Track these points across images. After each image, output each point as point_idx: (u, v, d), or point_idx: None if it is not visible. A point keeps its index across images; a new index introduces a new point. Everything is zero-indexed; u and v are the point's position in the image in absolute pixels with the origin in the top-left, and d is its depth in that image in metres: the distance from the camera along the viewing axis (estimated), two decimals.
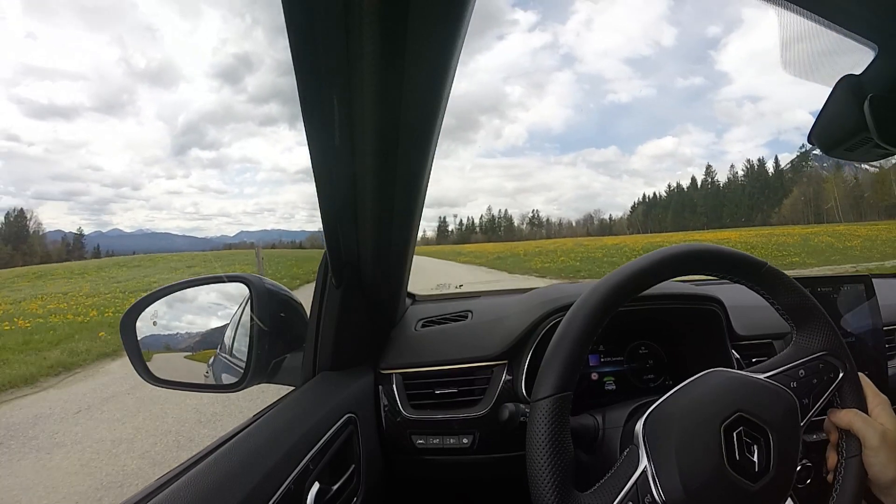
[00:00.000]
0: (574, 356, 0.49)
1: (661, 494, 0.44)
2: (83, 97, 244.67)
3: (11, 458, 2.99)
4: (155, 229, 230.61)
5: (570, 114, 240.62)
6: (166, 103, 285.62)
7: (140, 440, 3.14)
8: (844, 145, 0.48)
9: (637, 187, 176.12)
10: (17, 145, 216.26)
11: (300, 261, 21.19)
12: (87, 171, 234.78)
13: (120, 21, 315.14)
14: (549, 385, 0.48)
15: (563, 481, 0.45)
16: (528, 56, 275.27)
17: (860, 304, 0.85)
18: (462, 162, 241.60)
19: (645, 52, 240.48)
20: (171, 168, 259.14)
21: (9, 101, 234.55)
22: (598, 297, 0.50)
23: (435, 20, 0.39)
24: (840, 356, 0.54)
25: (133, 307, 0.75)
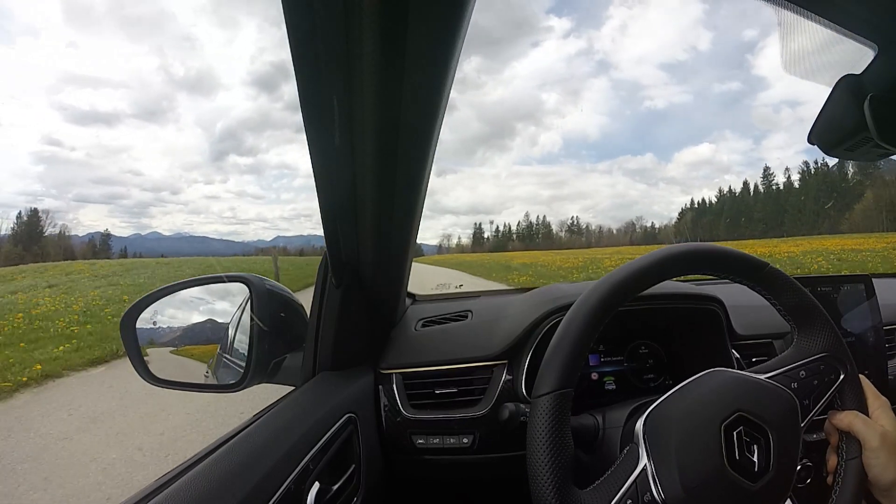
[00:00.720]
0: (575, 354, 0.49)
1: (661, 493, 0.44)
2: (124, 104, 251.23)
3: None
4: (193, 233, 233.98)
5: (605, 121, 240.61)
6: (205, 110, 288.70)
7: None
8: (844, 145, 0.48)
9: (674, 195, 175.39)
10: (60, 150, 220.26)
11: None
12: (127, 175, 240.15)
13: (159, 31, 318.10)
14: (550, 381, 0.48)
15: (563, 478, 0.45)
16: (563, 63, 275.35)
17: (860, 304, 0.85)
18: (498, 169, 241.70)
19: (681, 57, 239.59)
20: (210, 173, 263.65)
21: (51, 107, 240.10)
22: (599, 295, 0.51)
23: (435, 20, 0.39)
24: (841, 358, 0.54)
25: (133, 307, 0.75)
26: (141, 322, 0.75)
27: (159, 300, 0.77)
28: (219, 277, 0.79)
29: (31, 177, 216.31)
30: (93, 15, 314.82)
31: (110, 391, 4.14)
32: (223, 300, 0.84)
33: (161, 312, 0.78)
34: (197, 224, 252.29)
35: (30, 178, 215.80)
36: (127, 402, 3.76)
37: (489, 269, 19.84)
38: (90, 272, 16.14)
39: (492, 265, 23.81)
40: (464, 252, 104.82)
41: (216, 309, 0.85)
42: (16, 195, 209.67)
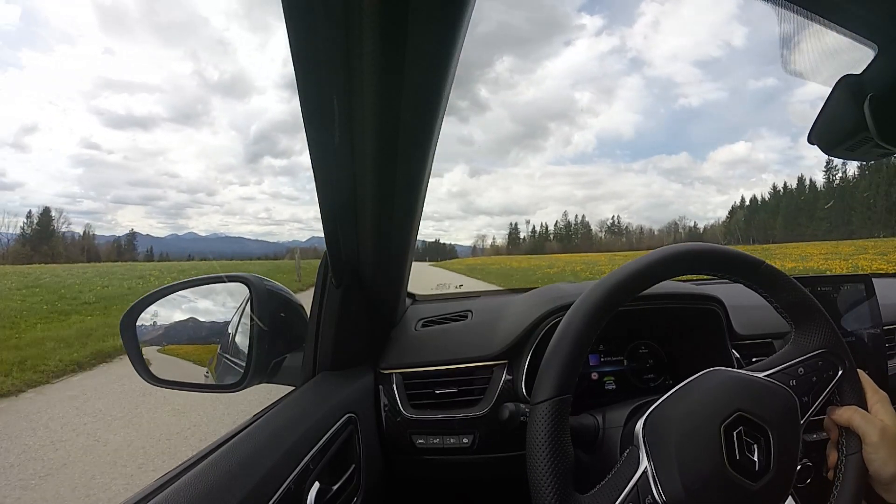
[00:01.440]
0: (573, 357, 0.48)
1: (662, 495, 0.44)
2: (160, 108, 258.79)
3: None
4: (229, 233, 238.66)
5: (639, 119, 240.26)
6: (239, 113, 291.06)
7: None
8: (844, 145, 0.48)
9: (710, 195, 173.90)
10: (98, 153, 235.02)
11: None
12: (163, 177, 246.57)
13: (193, 36, 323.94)
14: (547, 388, 0.48)
15: (564, 484, 0.45)
16: (595, 61, 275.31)
17: (860, 304, 0.85)
18: (531, 169, 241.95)
19: (715, 53, 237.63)
20: (245, 175, 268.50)
21: (89, 112, 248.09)
22: (597, 297, 0.50)
23: (435, 20, 0.39)
24: (839, 354, 0.54)
25: (133, 307, 0.75)
26: (141, 322, 0.75)
27: (159, 300, 0.77)
28: (219, 277, 0.79)
29: (69, 179, 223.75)
30: (127, 22, 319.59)
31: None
32: (223, 300, 0.84)
33: (161, 312, 0.78)
34: (233, 225, 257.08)
35: (69, 181, 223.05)
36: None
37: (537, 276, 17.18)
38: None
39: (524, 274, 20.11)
40: (499, 254, 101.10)
41: (216, 309, 0.85)
42: (55, 197, 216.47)
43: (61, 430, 3.26)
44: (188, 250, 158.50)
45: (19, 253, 62.69)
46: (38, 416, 3.57)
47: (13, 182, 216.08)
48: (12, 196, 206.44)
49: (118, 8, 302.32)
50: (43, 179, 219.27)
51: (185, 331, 0.83)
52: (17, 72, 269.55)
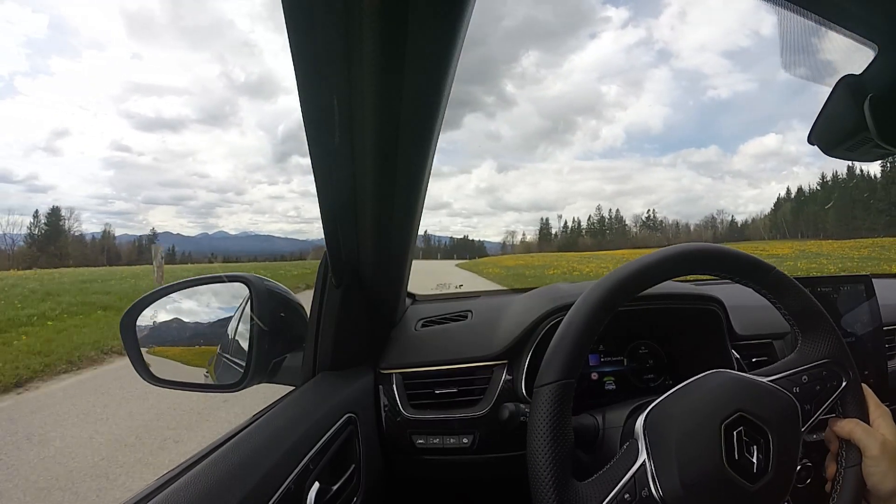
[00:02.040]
0: (578, 346, 0.49)
1: (659, 489, 0.44)
2: (188, 110, 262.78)
3: None
4: (258, 232, 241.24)
5: (668, 112, 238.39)
6: (266, 113, 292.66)
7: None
8: (844, 145, 0.48)
9: (741, 189, 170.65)
10: (129, 155, 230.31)
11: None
12: (193, 177, 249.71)
13: (219, 38, 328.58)
14: (552, 371, 0.48)
15: (563, 469, 0.45)
16: (622, 53, 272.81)
17: (860, 304, 0.85)
18: (559, 164, 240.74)
19: (744, 43, 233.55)
20: (273, 174, 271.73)
21: (119, 115, 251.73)
22: (602, 291, 0.51)
23: (435, 20, 0.39)
24: (844, 364, 0.54)
25: (133, 307, 0.75)
26: (141, 322, 0.75)
27: (159, 300, 0.77)
28: (218, 277, 0.79)
29: (101, 181, 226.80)
30: (153, 27, 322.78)
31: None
32: (223, 300, 0.84)
33: (161, 312, 0.78)
34: (262, 223, 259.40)
35: (100, 183, 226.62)
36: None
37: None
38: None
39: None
40: (529, 250, 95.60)
41: (216, 309, 0.85)
42: (87, 198, 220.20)
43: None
44: (218, 249, 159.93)
45: (24, 255, 61.49)
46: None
47: (46, 185, 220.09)
48: (45, 198, 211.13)
49: (144, 14, 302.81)
50: (75, 182, 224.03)
51: (184, 331, 0.83)
52: (48, 78, 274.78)
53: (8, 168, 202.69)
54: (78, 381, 4.40)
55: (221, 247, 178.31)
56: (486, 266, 27.21)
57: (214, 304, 0.85)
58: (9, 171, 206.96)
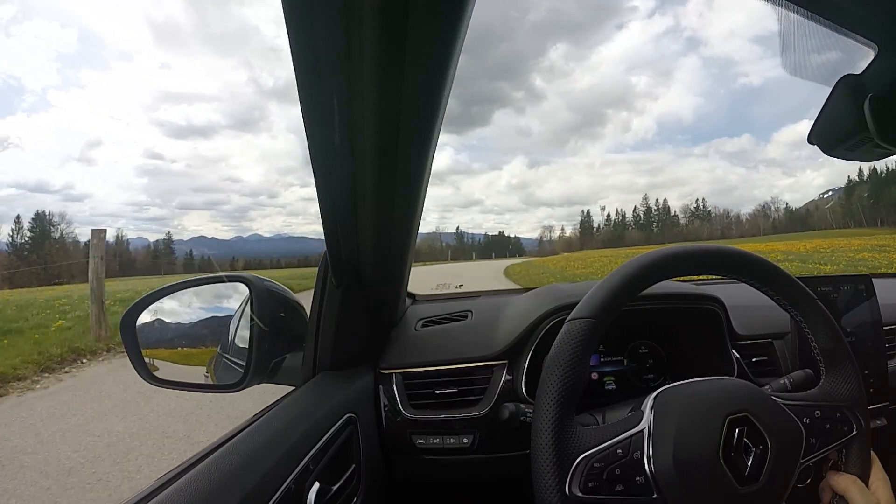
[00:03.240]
0: (621, 293, 0.51)
1: (651, 457, 0.46)
2: (218, 116, 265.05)
3: None
4: (292, 233, 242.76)
5: (699, 101, 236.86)
6: (295, 116, 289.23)
7: None
8: (844, 145, 0.48)
9: (775, 178, 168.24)
10: (162, 163, 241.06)
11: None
12: (226, 182, 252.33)
13: (245, 45, 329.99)
14: (588, 308, 0.50)
15: (568, 404, 0.47)
16: (650, 43, 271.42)
17: (860, 304, 0.85)
18: (591, 158, 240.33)
19: (773, 27, 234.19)
20: (305, 177, 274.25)
21: (150, 124, 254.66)
22: (659, 257, 0.53)
23: (435, 20, 0.39)
24: (859, 413, 0.54)
25: (133, 307, 0.75)
26: (141, 322, 0.75)
27: (159, 300, 0.77)
28: (219, 277, 0.79)
29: (136, 188, 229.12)
30: (180, 36, 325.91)
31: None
32: (223, 300, 0.84)
33: (161, 312, 0.78)
34: (296, 225, 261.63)
35: (135, 190, 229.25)
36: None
37: None
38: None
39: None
40: (571, 247, 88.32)
41: (216, 309, 0.85)
42: (123, 205, 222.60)
43: None
44: (252, 252, 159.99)
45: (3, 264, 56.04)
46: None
47: (81, 194, 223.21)
48: (81, 207, 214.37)
49: (170, 24, 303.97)
50: (110, 190, 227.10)
51: (184, 331, 0.83)
52: (79, 90, 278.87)
53: (45, 179, 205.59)
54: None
55: (256, 249, 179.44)
56: (555, 265, 22.67)
57: (214, 305, 0.85)
58: (46, 182, 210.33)
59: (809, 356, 0.81)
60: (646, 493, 0.46)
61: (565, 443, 0.46)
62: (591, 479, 0.46)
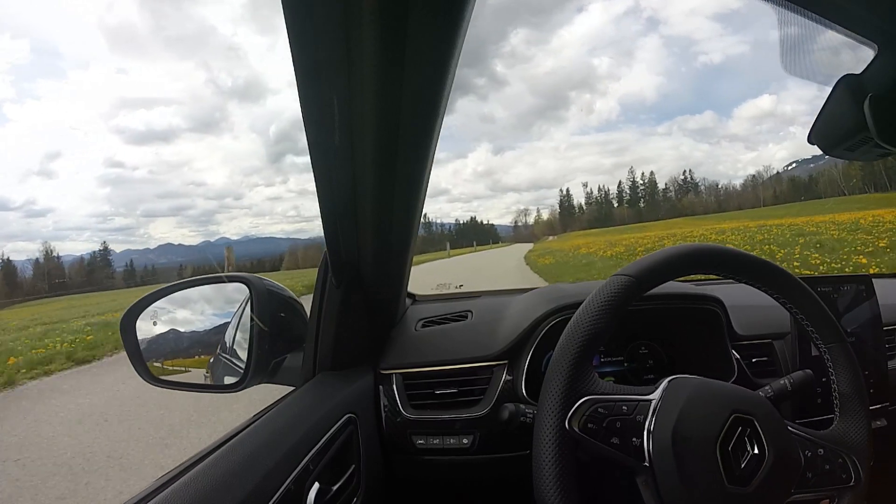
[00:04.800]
0: (662, 267, 0.54)
1: (651, 427, 0.47)
2: (178, 120, 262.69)
3: None
4: (260, 234, 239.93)
5: (661, 81, 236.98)
6: (257, 116, 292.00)
7: None
8: (844, 145, 0.48)
9: (738, 153, 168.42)
10: (123, 171, 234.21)
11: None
12: (190, 186, 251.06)
13: (203, 46, 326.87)
14: (635, 268, 0.53)
15: (591, 346, 0.50)
16: (611, 24, 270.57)
17: (860, 304, 0.85)
18: (556, 142, 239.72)
19: (733, 4, 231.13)
20: (270, 176, 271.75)
21: (109, 131, 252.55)
22: (709, 249, 0.56)
23: (435, 20, 0.39)
24: (862, 466, 0.54)
25: (133, 307, 0.75)
26: (141, 322, 0.75)
27: (159, 300, 0.76)
28: (218, 277, 0.79)
29: (99, 199, 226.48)
30: (136, 40, 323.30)
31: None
32: (223, 300, 0.84)
33: (161, 312, 0.78)
34: (263, 225, 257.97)
35: (98, 201, 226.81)
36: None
37: None
38: None
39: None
40: (553, 230, 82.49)
41: (216, 309, 0.85)
42: (87, 217, 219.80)
43: None
44: (221, 256, 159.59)
45: None
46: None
47: (44, 208, 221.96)
48: (45, 222, 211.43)
49: (125, 28, 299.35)
50: (74, 202, 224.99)
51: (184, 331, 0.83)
52: (35, 102, 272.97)
53: (4, 196, 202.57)
54: None
55: (224, 253, 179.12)
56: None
57: (214, 304, 0.85)
58: (6, 199, 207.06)
59: (809, 357, 0.81)
60: (638, 457, 0.47)
61: (578, 380, 0.49)
62: (591, 420, 0.47)
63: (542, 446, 0.47)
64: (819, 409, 0.75)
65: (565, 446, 0.47)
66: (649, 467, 0.46)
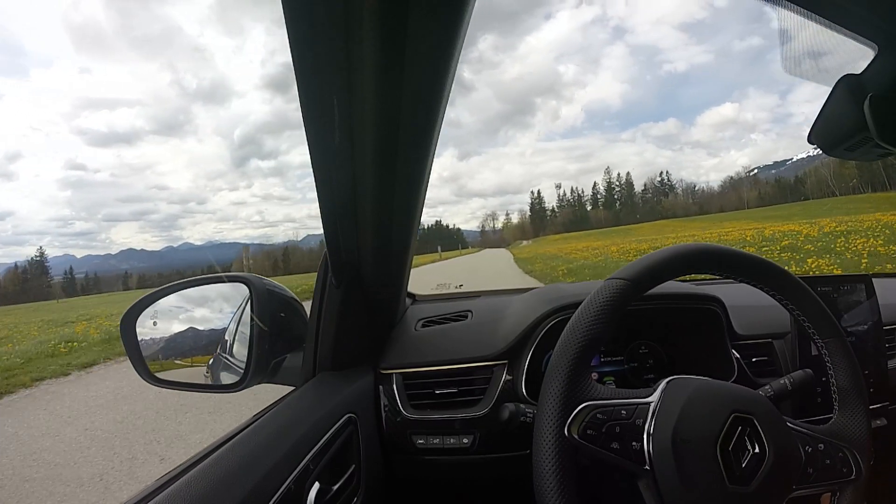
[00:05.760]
0: (661, 267, 0.54)
1: (651, 430, 0.47)
2: (142, 122, 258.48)
3: None
4: (224, 240, 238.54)
5: (626, 88, 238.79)
6: (222, 119, 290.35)
7: None
8: (844, 145, 0.48)
9: (701, 158, 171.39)
10: (85, 174, 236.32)
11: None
12: (153, 190, 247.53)
13: (168, 46, 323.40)
14: (628, 271, 0.53)
15: (587, 353, 0.49)
16: (578, 32, 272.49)
17: (860, 304, 0.85)
18: (522, 148, 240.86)
19: (699, 15, 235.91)
20: (234, 180, 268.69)
21: (71, 132, 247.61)
22: (704, 249, 0.56)
23: (435, 21, 0.39)
24: (862, 459, 0.54)
25: (133, 307, 0.75)
26: (141, 322, 0.75)
27: (159, 300, 0.76)
28: (218, 277, 0.79)
29: (60, 203, 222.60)
30: (102, 40, 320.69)
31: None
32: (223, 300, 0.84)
33: (161, 312, 0.78)
34: (227, 231, 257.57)
35: (59, 204, 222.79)
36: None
37: None
38: None
39: None
40: (524, 233, 79.99)
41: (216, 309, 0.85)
42: (48, 222, 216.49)
43: None
44: (185, 261, 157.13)
45: None
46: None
47: (3, 212, 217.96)
48: (3, 227, 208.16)
49: (90, 26, 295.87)
50: (34, 206, 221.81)
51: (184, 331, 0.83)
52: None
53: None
54: None
55: (188, 258, 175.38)
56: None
57: (214, 304, 0.85)
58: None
59: (809, 357, 0.81)
60: (638, 461, 0.47)
61: (576, 386, 0.48)
62: (590, 427, 0.47)
63: (543, 454, 0.47)
64: (819, 408, 0.75)
65: (565, 453, 0.47)
66: (650, 470, 0.46)
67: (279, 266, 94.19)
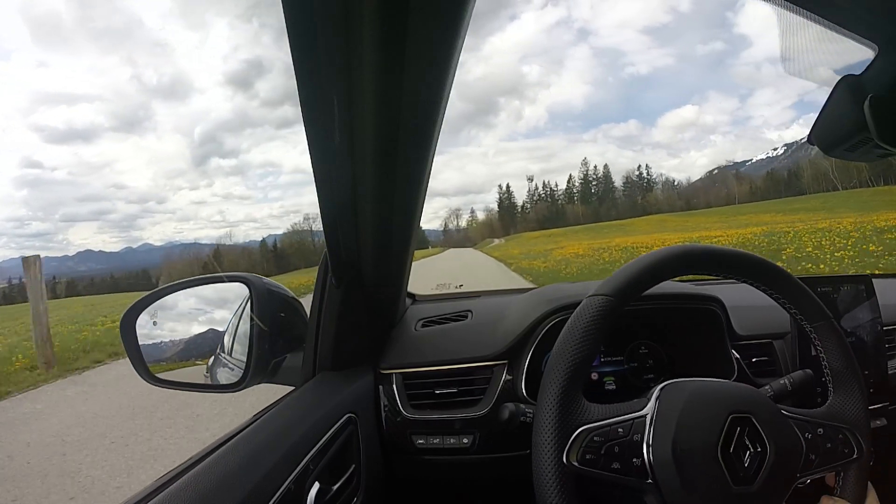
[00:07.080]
0: (642, 276, 0.53)
1: (650, 442, 0.46)
2: (101, 118, 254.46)
3: None
4: (184, 240, 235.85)
5: (589, 90, 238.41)
6: (182, 115, 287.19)
7: None
8: (844, 145, 0.48)
9: (662, 159, 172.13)
10: (42, 172, 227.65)
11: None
12: (111, 189, 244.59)
13: (129, 40, 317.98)
14: (610, 287, 0.51)
15: (577, 376, 0.48)
16: (542, 34, 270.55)
17: (860, 304, 0.85)
18: (485, 147, 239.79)
19: (663, 19, 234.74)
20: (194, 179, 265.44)
21: (28, 129, 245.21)
22: (683, 251, 0.55)
23: (435, 21, 0.39)
24: (862, 437, 0.54)
25: (133, 307, 0.75)
26: (140, 322, 0.75)
27: (159, 300, 0.76)
28: (218, 277, 0.79)
29: (16, 202, 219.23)
30: (61, 32, 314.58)
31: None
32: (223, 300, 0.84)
33: (161, 312, 0.78)
34: (187, 231, 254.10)
35: (15, 204, 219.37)
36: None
37: None
38: None
39: None
40: (493, 231, 76.71)
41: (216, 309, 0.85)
42: (3, 222, 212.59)
43: None
44: (145, 263, 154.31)
45: None
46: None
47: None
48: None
49: (50, 18, 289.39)
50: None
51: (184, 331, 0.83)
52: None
53: None
54: None
55: (148, 260, 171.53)
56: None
57: (214, 305, 0.85)
58: None
59: (809, 357, 0.81)
60: (641, 476, 0.46)
61: (569, 413, 0.48)
62: (589, 451, 0.47)
63: (544, 485, 0.46)
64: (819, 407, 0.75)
65: (566, 481, 0.46)
66: (653, 483, 0.46)
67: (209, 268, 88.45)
